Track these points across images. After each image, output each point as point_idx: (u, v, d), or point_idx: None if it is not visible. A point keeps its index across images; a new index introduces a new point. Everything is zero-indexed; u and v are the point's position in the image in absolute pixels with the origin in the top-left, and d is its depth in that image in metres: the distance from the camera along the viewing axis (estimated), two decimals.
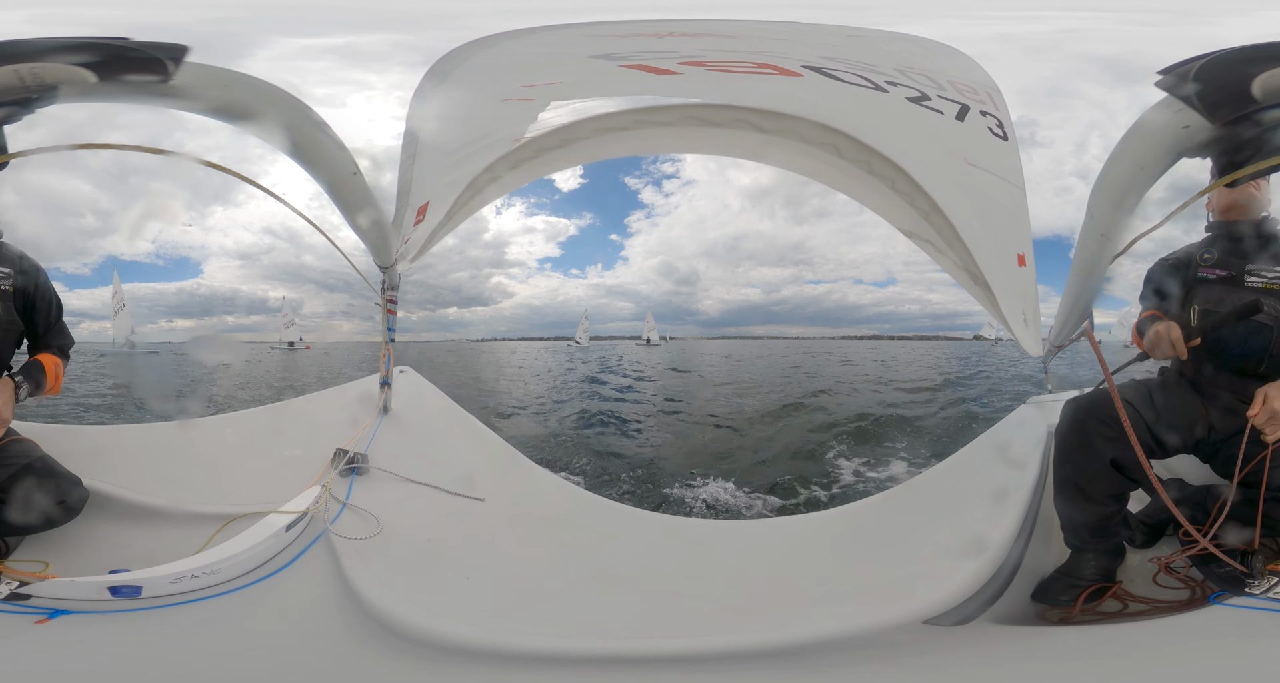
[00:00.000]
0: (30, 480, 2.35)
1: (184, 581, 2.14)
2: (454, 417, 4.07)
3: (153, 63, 1.68)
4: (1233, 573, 2.07)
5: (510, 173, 3.29)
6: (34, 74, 1.52)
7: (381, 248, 3.05)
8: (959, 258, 2.31)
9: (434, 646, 2.02)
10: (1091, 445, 2.15)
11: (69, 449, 2.60)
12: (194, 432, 3.32)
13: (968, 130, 2.01)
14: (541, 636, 2.07)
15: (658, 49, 2.33)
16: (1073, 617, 2.20)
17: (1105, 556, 2.31)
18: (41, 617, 2.01)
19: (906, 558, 2.53)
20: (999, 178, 2.03)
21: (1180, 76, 1.45)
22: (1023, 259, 2.13)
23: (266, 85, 2.09)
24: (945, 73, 2.16)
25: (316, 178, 2.45)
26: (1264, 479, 2.06)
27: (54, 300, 2.60)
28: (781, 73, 2.06)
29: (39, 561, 2.34)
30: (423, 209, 3.00)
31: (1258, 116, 1.43)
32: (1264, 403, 2.03)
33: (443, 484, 3.02)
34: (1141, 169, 1.62)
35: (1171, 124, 1.51)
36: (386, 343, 3.50)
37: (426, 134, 2.85)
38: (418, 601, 2.16)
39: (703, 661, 1.99)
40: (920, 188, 2.09)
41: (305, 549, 2.40)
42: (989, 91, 2.19)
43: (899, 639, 1.98)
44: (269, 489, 2.67)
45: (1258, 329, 2.16)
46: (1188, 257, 2.39)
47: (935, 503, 3.01)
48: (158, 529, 2.56)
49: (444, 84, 2.65)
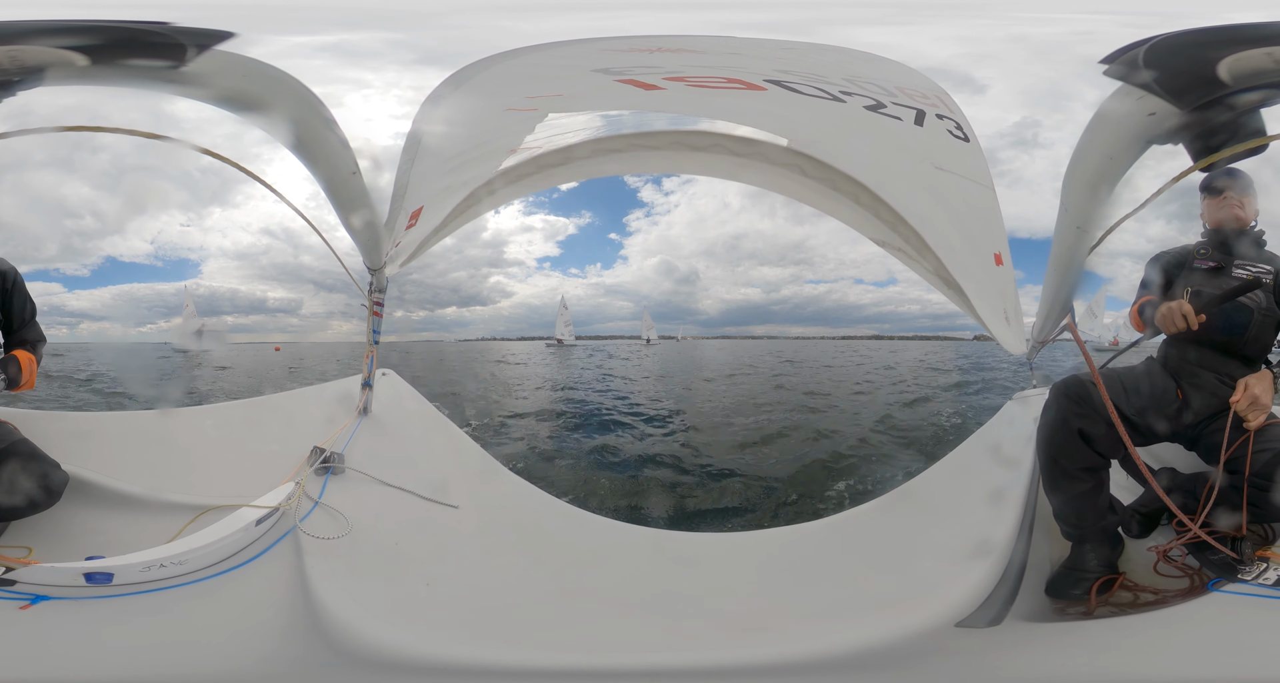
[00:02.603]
0: (11, 463, 2.37)
1: (153, 569, 2.15)
2: (433, 422, 4.06)
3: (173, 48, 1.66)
4: (1226, 560, 2.16)
5: (507, 187, 3.33)
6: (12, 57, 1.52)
7: (372, 249, 3.07)
8: (932, 264, 2.35)
9: (375, 653, 2.01)
10: (1063, 419, 2.31)
11: (48, 432, 2.62)
12: (173, 421, 3.33)
13: (928, 134, 2.04)
14: (493, 648, 2.06)
15: (647, 64, 2.39)
16: (1093, 610, 2.25)
17: (1104, 546, 2.40)
18: (25, 602, 2.03)
19: (912, 564, 2.53)
20: (967, 179, 2.06)
21: (1129, 64, 1.47)
22: (999, 258, 2.16)
23: (286, 76, 2.10)
24: (889, 80, 2.21)
25: (315, 174, 2.47)
26: (1247, 464, 2.16)
27: (28, 299, 2.70)
28: (748, 87, 2.11)
29: (23, 546, 2.37)
30: (416, 213, 3.02)
31: (1229, 100, 1.46)
32: (1245, 390, 2.23)
33: (417, 489, 3.02)
34: (1111, 159, 1.65)
35: (1135, 112, 1.53)
36: (370, 345, 3.51)
37: (430, 139, 2.88)
38: (373, 604, 2.16)
39: (700, 676, 1.98)
40: (881, 199, 2.13)
41: (272, 545, 2.40)
42: (938, 95, 2.23)
43: (929, 646, 1.97)
44: (243, 483, 2.66)
45: (1240, 308, 2.41)
46: (1184, 252, 2.64)
47: (933, 506, 3.03)
48: (134, 517, 2.58)
49: (458, 90, 2.69)
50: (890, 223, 2.32)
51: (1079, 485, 2.35)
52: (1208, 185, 2.59)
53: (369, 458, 3.09)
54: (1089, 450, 2.30)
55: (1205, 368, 2.47)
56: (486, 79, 2.68)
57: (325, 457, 2.93)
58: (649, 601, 2.48)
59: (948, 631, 1.99)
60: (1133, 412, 2.37)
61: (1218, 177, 2.55)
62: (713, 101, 2.17)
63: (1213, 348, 2.47)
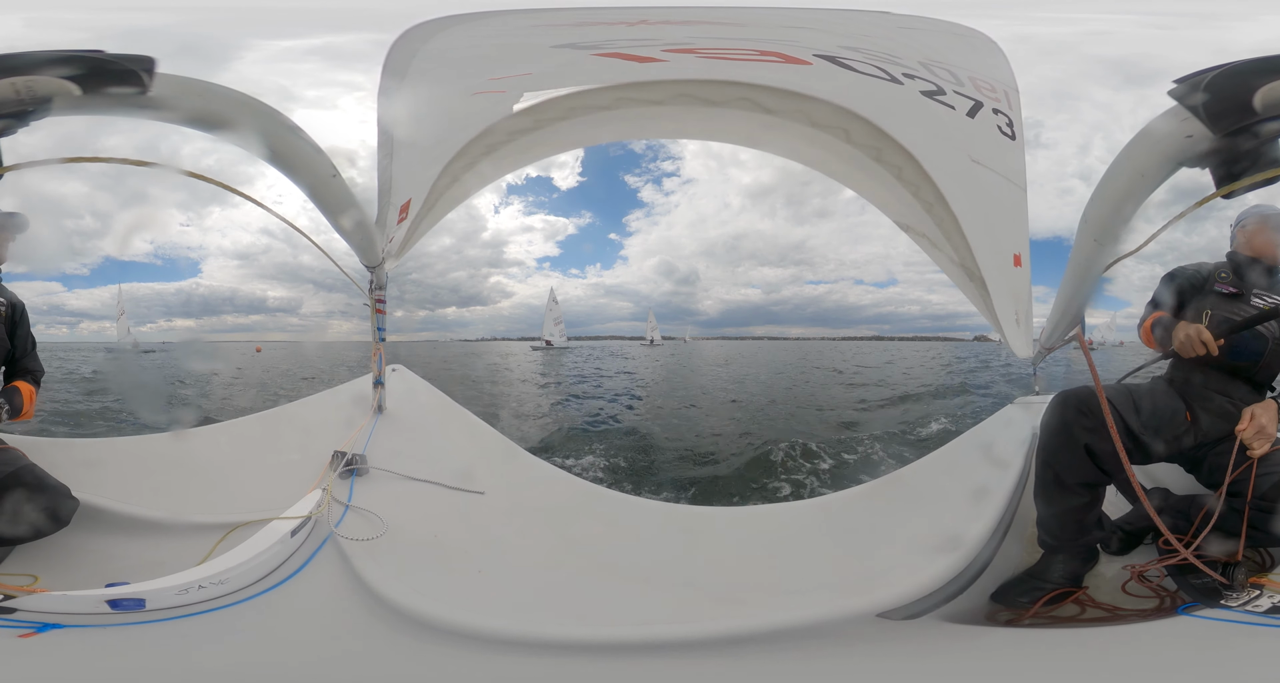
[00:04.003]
0: (17, 488, 2.36)
1: (191, 592, 2.13)
2: (448, 412, 4.08)
3: (128, 75, 1.66)
4: (1209, 584, 2.12)
5: (486, 160, 3.25)
6: (29, 87, 1.52)
7: (367, 248, 3.04)
8: (955, 253, 2.33)
9: (462, 636, 2.04)
10: (1069, 432, 2.26)
11: (59, 462, 2.59)
12: (188, 442, 3.31)
13: (977, 128, 2.03)
14: (562, 625, 2.11)
15: (632, 37, 2.30)
16: (1023, 620, 2.25)
17: (1075, 560, 2.39)
18: (27, 631, 1.99)
19: (882, 551, 2.55)
20: (1002, 177, 2.06)
21: (1192, 86, 1.46)
22: (1018, 259, 2.17)
23: (236, 94, 2.07)
24: (969, 68, 2.17)
25: (297, 182, 2.42)
26: (1250, 489, 2.15)
27: (30, 332, 2.87)
28: (788, 61, 2.06)
29: (27, 574, 2.33)
30: (405, 207, 2.98)
31: (1256, 128, 1.45)
32: (1251, 420, 2.23)
33: (443, 480, 3.04)
34: (1142, 176, 1.64)
35: (1175, 133, 1.52)
36: (377, 342, 3.49)
37: (401, 132, 2.83)
38: (436, 596, 2.18)
39: (682, 648, 2.04)
40: (928, 177, 2.10)
41: (314, 554, 2.41)
42: (1006, 90, 2.21)
43: (852, 631, 2.03)
44: (269, 496, 2.66)
45: (1258, 336, 2.42)
46: (1201, 274, 2.64)
47: (915, 497, 3.05)
48: (154, 541, 2.55)
49: (405, 81, 2.63)
50: (927, 204, 2.32)
51: (1074, 500, 2.32)
52: (1258, 214, 2.61)
53: (391, 455, 3.10)
54: (1093, 466, 2.26)
55: (1216, 391, 2.47)
56: (429, 65, 2.60)
57: (348, 459, 2.94)
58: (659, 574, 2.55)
59: (868, 619, 2.03)
60: (1141, 428, 2.34)
61: (1269, 208, 2.58)
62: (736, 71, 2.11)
63: (1224, 372, 2.48)
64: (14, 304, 2.80)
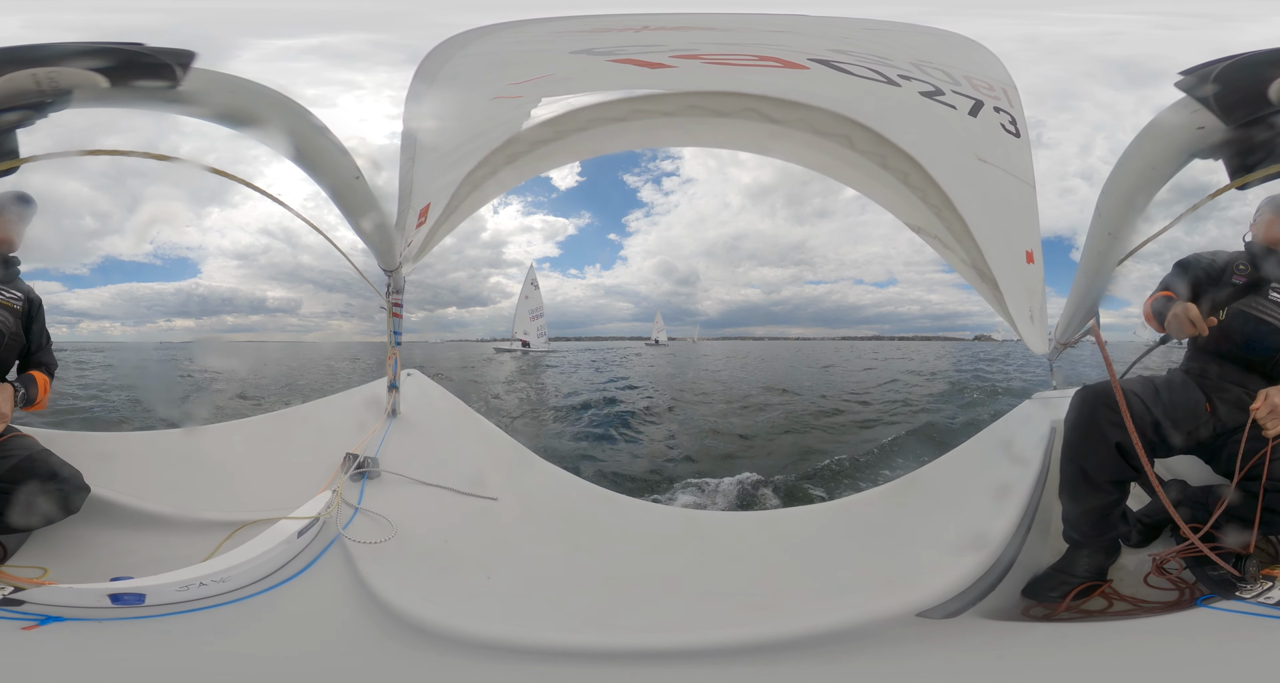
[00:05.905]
0: (30, 473, 2.39)
1: (191, 588, 2.11)
2: (462, 417, 4.06)
3: (163, 68, 1.67)
4: (1224, 576, 2.10)
5: (508, 168, 3.28)
6: (50, 78, 1.52)
7: (386, 251, 3.04)
8: (967, 254, 2.31)
9: (463, 643, 2.00)
10: (1099, 430, 2.22)
11: (72, 454, 2.59)
12: (200, 439, 3.31)
13: (980, 126, 2.02)
14: (569, 632, 2.07)
15: (640, 43, 2.31)
16: (1057, 614, 2.24)
17: (1100, 553, 2.37)
18: (30, 624, 1.98)
19: (908, 551, 2.54)
20: (1010, 174, 2.04)
21: (1201, 77, 1.44)
22: (1031, 256, 2.15)
23: (270, 91, 2.09)
24: (962, 68, 2.17)
25: (320, 183, 2.43)
26: (1264, 473, 2.12)
27: (45, 327, 2.90)
28: (786, 66, 2.06)
29: (38, 567, 2.34)
30: (424, 211, 2.98)
31: (1271, 119, 1.43)
32: (1265, 399, 2.19)
33: (455, 485, 3.01)
34: (1153, 169, 1.62)
35: (1186, 124, 1.51)
36: (392, 346, 3.48)
37: (424, 136, 2.84)
38: (440, 601, 2.15)
39: (711, 655, 1.99)
40: (934, 182, 2.09)
41: (319, 555, 2.38)
42: (1004, 88, 2.20)
43: (893, 632, 2.00)
44: (278, 496, 2.65)
45: (1275, 331, 2.38)
46: (1217, 263, 2.58)
47: (937, 497, 3.03)
48: (162, 537, 2.55)
49: (433, 85, 2.65)
50: (935, 208, 2.31)
51: (1103, 498, 2.29)
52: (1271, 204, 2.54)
53: (404, 459, 3.08)
54: (1123, 463, 2.22)
55: (1232, 383, 2.44)
56: (457, 70, 2.63)
57: (360, 462, 2.92)
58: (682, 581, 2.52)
59: (908, 619, 2.00)
60: (1164, 419, 2.29)
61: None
62: (739, 77, 2.12)
63: (1240, 364, 2.45)
64: (30, 299, 2.82)
